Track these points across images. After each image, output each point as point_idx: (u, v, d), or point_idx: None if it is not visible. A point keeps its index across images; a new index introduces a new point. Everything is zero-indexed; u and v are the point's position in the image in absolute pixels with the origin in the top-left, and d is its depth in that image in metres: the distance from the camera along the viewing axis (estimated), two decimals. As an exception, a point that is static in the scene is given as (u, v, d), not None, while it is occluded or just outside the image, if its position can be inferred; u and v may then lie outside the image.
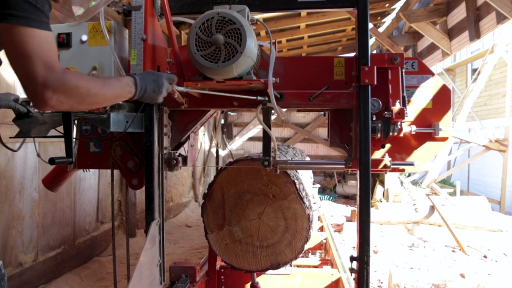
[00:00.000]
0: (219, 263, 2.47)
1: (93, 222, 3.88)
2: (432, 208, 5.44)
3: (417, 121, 1.91)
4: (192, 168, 7.02)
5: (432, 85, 1.94)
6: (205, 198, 2.02)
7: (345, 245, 4.67)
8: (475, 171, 10.34)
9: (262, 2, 1.83)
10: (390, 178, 7.68)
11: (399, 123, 1.79)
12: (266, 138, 1.84)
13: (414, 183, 8.58)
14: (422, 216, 5.45)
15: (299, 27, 7.12)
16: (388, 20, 7.53)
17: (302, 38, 7.96)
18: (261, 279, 2.38)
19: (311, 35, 7.71)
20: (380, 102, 1.83)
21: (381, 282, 3.45)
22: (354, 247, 4.57)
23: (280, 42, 7.91)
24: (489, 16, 4.13)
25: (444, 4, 5.20)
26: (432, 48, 5.86)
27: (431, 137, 1.90)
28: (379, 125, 1.80)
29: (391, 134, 1.81)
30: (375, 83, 1.71)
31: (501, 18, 3.85)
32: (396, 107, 1.75)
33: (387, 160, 1.83)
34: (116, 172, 1.86)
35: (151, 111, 1.75)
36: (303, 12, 6.35)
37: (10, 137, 1.57)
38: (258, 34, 7.06)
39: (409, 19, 5.16)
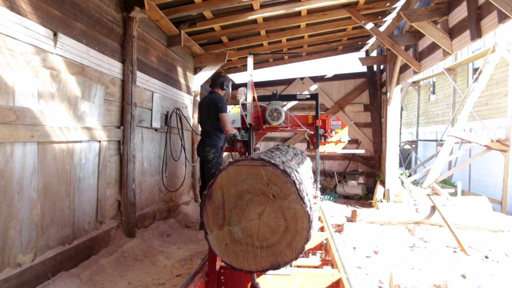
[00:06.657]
0: (219, 264, 2.45)
1: (93, 222, 3.86)
2: (433, 208, 5.42)
3: (336, 136, 6.08)
4: (192, 168, 7.01)
5: (340, 124, 6.09)
6: (205, 198, 2.00)
7: (346, 245, 4.65)
8: (476, 171, 10.30)
9: (283, 99, 6.03)
10: (391, 178, 7.66)
11: (329, 137, 5.99)
12: (308, 141, 6.31)
13: (415, 183, 8.55)
14: (423, 216, 5.44)
15: (299, 26, 7.10)
16: (388, 19, 7.50)
17: (303, 37, 7.94)
18: (261, 280, 2.36)
19: (312, 34, 7.69)
20: (323, 130, 5.95)
21: (382, 283, 3.43)
22: (354, 247, 4.55)
23: (280, 41, 7.90)
24: (491, 15, 4.10)
25: (445, 3, 5.17)
26: (433, 47, 5.83)
27: (340, 141, 6.09)
28: (323, 138, 5.96)
29: (327, 140, 6.01)
30: (320, 124, 5.86)
31: (502, 17, 3.82)
32: (328, 132, 5.97)
33: (325, 149, 6.10)
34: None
35: (250, 132, 5.67)
36: (304, 11, 6.33)
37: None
38: (258, 33, 7.06)
39: (410, 18, 5.12)
